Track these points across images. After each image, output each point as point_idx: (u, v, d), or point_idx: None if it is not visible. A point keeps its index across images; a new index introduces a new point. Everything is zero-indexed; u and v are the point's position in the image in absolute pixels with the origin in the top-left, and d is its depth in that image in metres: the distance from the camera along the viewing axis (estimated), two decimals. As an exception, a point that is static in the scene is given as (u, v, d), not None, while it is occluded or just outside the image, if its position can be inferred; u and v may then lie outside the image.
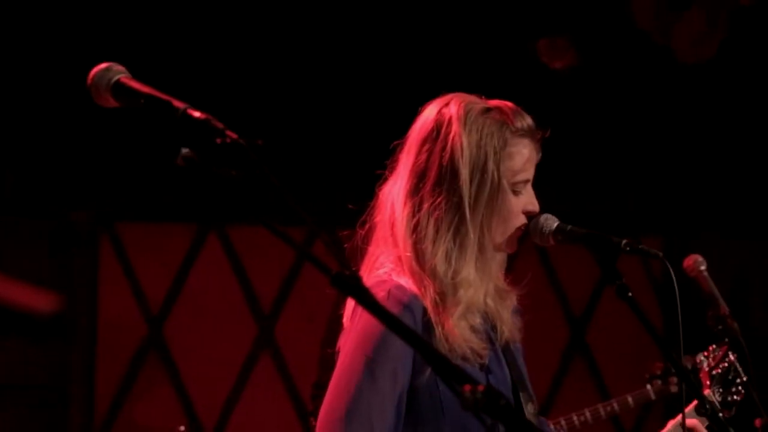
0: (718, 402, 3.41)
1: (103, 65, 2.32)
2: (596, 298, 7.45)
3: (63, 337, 6.51)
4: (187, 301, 7.09)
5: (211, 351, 7.05)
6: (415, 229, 2.85)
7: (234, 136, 2.18)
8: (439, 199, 2.83)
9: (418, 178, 2.87)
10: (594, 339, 7.48)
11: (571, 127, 6.65)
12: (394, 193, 2.90)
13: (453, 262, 2.83)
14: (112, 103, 2.35)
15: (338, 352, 2.87)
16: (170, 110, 2.25)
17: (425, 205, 2.84)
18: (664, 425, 3.27)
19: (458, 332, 2.79)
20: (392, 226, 2.88)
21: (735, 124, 7.16)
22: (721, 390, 3.44)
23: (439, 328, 2.78)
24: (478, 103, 2.90)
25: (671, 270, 2.97)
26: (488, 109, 2.88)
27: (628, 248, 2.92)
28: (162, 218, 6.96)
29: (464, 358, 2.79)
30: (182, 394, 7.06)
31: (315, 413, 3.30)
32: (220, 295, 7.11)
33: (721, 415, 3.30)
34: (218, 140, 2.17)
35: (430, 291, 2.81)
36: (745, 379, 3.46)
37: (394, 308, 2.75)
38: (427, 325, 2.79)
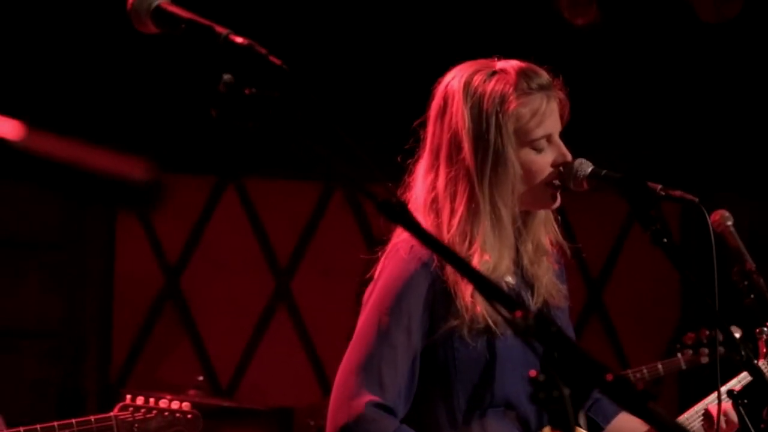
0: None
1: (143, -10, 2.29)
2: (613, 259, 7.44)
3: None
4: (204, 253, 7.08)
5: (228, 303, 7.05)
6: (433, 205, 2.92)
7: (277, 61, 2.15)
8: (451, 174, 2.90)
9: (434, 155, 2.94)
10: (611, 300, 7.46)
11: (590, 85, 6.60)
12: (418, 171, 2.98)
13: (468, 234, 2.88)
14: (151, 29, 2.32)
15: (362, 307, 2.93)
16: (212, 35, 2.21)
17: (440, 181, 2.91)
18: (677, 402, 3.28)
19: (477, 305, 2.82)
20: (415, 202, 2.94)
21: (755, 84, 7.11)
22: None
23: (459, 300, 2.83)
24: (482, 70, 2.93)
25: (707, 215, 2.96)
26: (492, 74, 2.92)
27: (663, 193, 2.90)
28: (181, 170, 6.92)
29: (487, 328, 2.83)
30: (198, 346, 7.06)
31: None
32: (237, 248, 7.10)
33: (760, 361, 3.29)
34: (246, 91, 2.14)
35: (447, 266, 2.84)
36: None
37: (413, 263, 2.84)
38: (445, 291, 2.84)
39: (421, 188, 2.94)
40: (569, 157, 2.95)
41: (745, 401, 3.14)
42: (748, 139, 7.24)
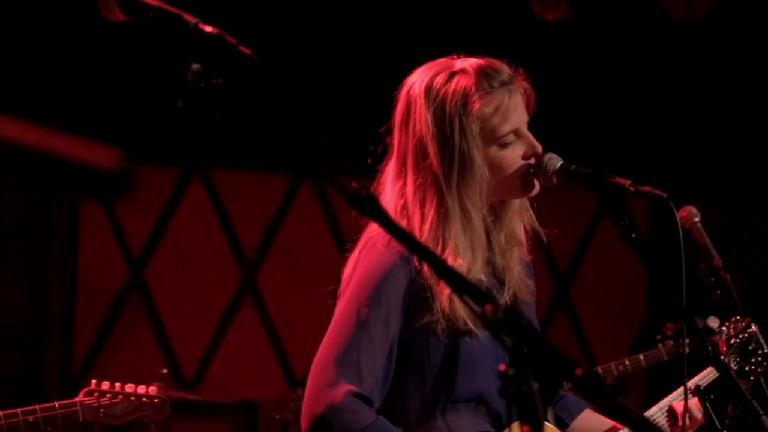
0: (734, 371, 3.40)
1: (112, -23, 2.26)
2: (581, 254, 7.46)
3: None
4: (169, 245, 7.05)
5: (193, 296, 7.02)
6: (403, 211, 2.91)
7: (247, 51, 2.13)
8: (419, 180, 2.90)
9: (401, 162, 2.94)
10: (578, 295, 7.49)
11: (560, 83, 6.61)
12: (387, 177, 2.97)
13: (440, 239, 2.88)
14: (119, 16, 2.29)
15: (338, 298, 2.93)
16: (181, 24, 2.19)
17: (408, 188, 2.91)
18: (644, 398, 3.29)
19: (455, 308, 2.84)
20: (386, 208, 2.91)
21: (723, 83, 7.14)
22: (738, 359, 3.43)
23: (437, 303, 2.84)
24: (442, 71, 2.92)
25: (675, 210, 2.96)
26: (452, 76, 2.90)
27: (632, 189, 2.90)
28: (146, 160, 6.88)
29: (463, 326, 2.85)
30: (163, 338, 7.03)
31: None
32: (203, 240, 7.07)
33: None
34: (214, 80, 2.11)
35: (425, 267, 2.84)
36: (767, 351, 3.44)
37: (392, 255, 2.84)
38: (424, 288, 2.85)
39: (390, 194, 2.94)
40: (539, 148, 2.95)
41: (711, 397, 3.15)
42: (717, 138, 7.28)
